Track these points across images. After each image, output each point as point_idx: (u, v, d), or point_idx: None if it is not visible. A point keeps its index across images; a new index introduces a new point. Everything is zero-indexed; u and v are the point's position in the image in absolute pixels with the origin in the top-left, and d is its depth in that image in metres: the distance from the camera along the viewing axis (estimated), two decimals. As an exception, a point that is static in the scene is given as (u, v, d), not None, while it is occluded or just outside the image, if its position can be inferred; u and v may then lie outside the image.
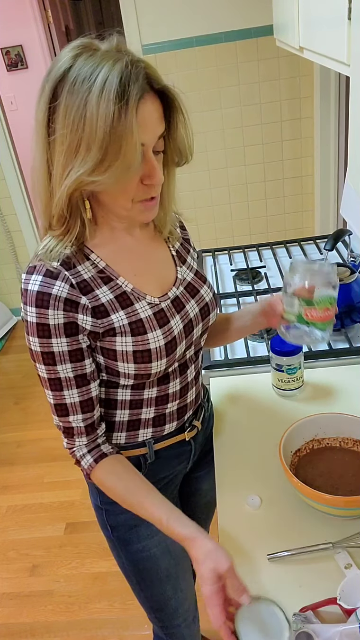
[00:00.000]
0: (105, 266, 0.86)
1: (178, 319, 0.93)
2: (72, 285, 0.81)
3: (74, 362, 0.84)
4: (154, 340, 0.88)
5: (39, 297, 0.79)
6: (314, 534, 0.93)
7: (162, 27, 2.68)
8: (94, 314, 0.83)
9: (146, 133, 0.75)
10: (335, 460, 1.01)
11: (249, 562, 0.91)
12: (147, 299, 0.89)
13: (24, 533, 2.19)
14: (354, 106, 0.84)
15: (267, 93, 2.82)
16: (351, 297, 1.39)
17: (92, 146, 0.72)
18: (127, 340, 0.86)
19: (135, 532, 1.05)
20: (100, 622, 1.80)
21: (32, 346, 0.83)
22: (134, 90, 0.71)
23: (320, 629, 0.73)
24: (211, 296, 1.00)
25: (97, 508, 1.08)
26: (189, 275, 0.98)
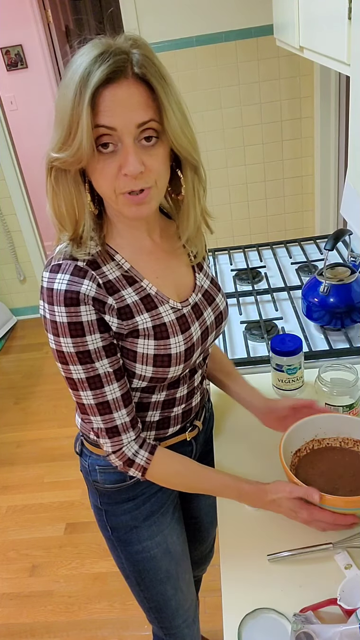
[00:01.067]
0: (130, 267, 0.86)
1: (197, 326, 0.93)
2: (99, 285, 0.81)
3: (110, 356, 0.83)
4: (176, 346, 0.88)
5: (68, 296, 0.78)
6: (314, 534, 0.93)
7: (162, 27, 2.67)
8: (119, 315, 0.83)
9: (114, 118, 0.74)
10: (335, 460, 1.00)
11: (249, 562, 0.91)
12: (171, 303, 0.89)
13: (24, 533, 2.18)
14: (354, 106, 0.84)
15: (267, 93, 2.82)
16: (351, 297, 1.39)
17: (57, 125, 0.75)
18: (149, 343, 0.86)
19: (135, 533, 1.04)
20: (100, 623, 1.80)
21: (63, 348, 0.81)
22: (96, 76, 0.71)
23: (321, 630, 0.73)
24: (225, 305, 1.01)
25: (96, 509, 1.07)
26: (206, 283, 0.98)
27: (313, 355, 1.35)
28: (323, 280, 1.40)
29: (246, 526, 0.98)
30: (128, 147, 0.75)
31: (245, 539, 0.96)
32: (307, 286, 1.47)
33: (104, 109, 0.73)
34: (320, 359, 1.34)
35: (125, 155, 0.76)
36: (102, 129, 0.74)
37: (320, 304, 1.40)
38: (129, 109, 0.74)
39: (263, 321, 1.51)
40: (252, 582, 0.88)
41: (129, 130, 0.75)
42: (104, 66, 0.72)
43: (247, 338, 1.47)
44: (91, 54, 0.73)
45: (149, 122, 0.76)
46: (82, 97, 0.72)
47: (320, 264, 1.74)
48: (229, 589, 0.88)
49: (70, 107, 0.72)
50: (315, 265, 1.77)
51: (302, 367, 1.22)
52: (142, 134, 0.76)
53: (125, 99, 0.74)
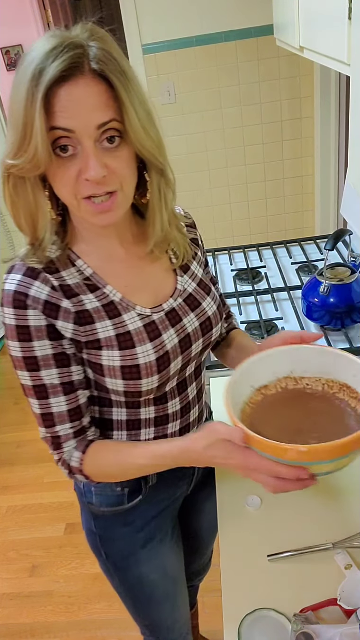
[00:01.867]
0: (92, 274, 0.81)
1: (172, 333, 0.85)
2: (53, 287, 0.76)
3: (60, 367, 0.78)
4: (143, 355, 0.81)
5: (16, 297, 0.74)
6: (314, 534, 0.93)
7: (162, 27, 2.67)
8: (77, 320, 0.78)
9: (71, 119, 0.67)
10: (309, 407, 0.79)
11: (249, 562, 0.91)
12: (137, 310, 0.82)
13: (24, 533, 2.18)
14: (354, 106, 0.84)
15: (267, 93, 2.82)
16: (351, 297, 1.39)
17: (10, 129, 0.69)
18: (113, 353, 0.79)
19: (133, 560, 0.99)
20: (99, 623, 1.80)
21: (12, 352, 0.77)
22: (49, 72, 0.65)
23: (321, 630, 0.73)
24: (215, 309, 0.92)
25: (90, 533, 1.01)
26: (191, 286, 0.90)
27: (313, 355, 1.34)
28: (323, 280, 1.40)
29: (246, 526, 0.98)
30: (88, 150, 0.69)
31: (245, 539, 0.95)
32: (307, 286, 1.47)
33: (59, 109, 0.67)
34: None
35: (86, 159, 0.69)
36: (58, 132, 0.68)
37: (320, 304, 1.40)
38: (87, 108, 0.68)
39: (263, 321, 1.51)
40: (252, 582, 0.88)
41: (88, 132, 0.68)
42: (58, 62, 0.65)
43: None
44: (43, 49, 0.66)
45: (110, 122, 0.69)
46: (35, 97, 0.65)
47: (320, 264, 1.74)
48: (229, 589, 0.88)
49: (22, 108, 0.66)
50: (315, 265, 1.77)
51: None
52: (103, 135, 0.70)
53: (82, 98, 0.67)
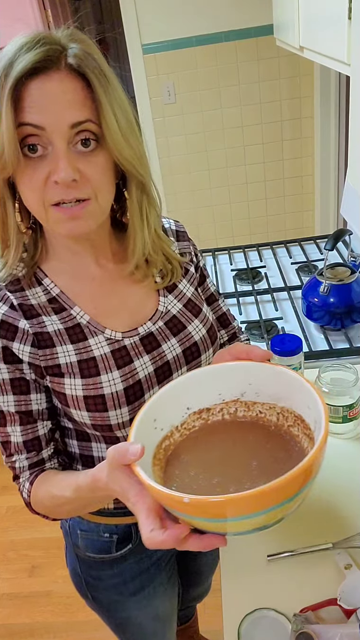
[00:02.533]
0: (59, 293, 0.75)
1: (147, 360, 0.76)
2: (12, 306, 0.71)
3: (17, 394, 0.72)
4: (109, 384, 0.73)
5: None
6: (314, 534, 0.93)
7: (162, 27, 2.67)
8: (35, 342, 0.71)
9: (42, 114, 0.62)
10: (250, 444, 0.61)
11: (249, 562, 0.91)
12: (106, 334, 0.75)
13: (24, 533, 2.18)
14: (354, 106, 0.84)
15: (267, 93, 2.82)
16: (351, 297, 1.38)
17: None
18: (75, 382, 0.72)
19: (121, 606, 0.94)
20: (99, 623, 1.79)
21: None
22: (20, 64, 0.60)
23: (321, 630, 0.73)
24: (204, 334, 0.82)
25: (74, 574, 0.94)
26: (176, 307, 0.81)
27: (313, 355, 1.35)
28: (323, 280, 1.40)
29: (246, 526, 0.97)
30: (59, 151, 0.63)
31: (245, 539, 0.95)
32: (307, 286, 1.47)
33: (29, 104, 0.61)
34: (320, 359, 1.34)
35: (56, 160, 0.63)
36: (27, 128, 0.62)
37: (320, 304, 1.40)
38: (61, 105, 0.62)
39: (263, 321, 1.51)
40: (252, 582, 0.88)
41: (60, 130, 0.62)
42: (31, 54, 0.60)
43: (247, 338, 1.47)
44: (17, 43, 0.62)
45: (85, 122, 0.64)
46: (3, 90, 0.60)
47: (320, 264, 1.74)
48: (229, 589, 0.88)
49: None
50: (315, 265, 1.77)
51: (302, 367, 1.21)
52: (77, 136, 0.64)
53: (56, 94, 0.62)
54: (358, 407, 1.10)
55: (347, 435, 1.11)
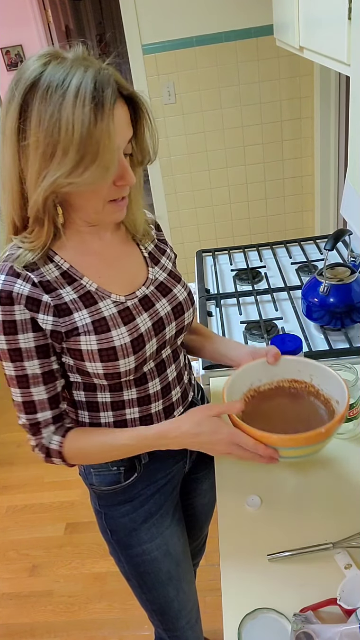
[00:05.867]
0: (69, 267, 0.88)
1: (146, 317, 0.92)
2: (34, 284, 0.83)
3: (42, 358, 0.86)
4: (119, 338, 0.88)
5: (3, 295, 0.81)
6: (314, 534, 0.93)
7: (162, 27, 2.68)
8: (56, 313, 0.84)
9: (118, 136, 0.78)
10: (273, 403, 1.00)
11: (249, 562, 0.91)
12: (112, 298, 0.90)
13: (24, 533, 2.19)
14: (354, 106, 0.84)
15: (267, 93, 2.82)
16: (351, 297, 1.39)
17: (69, 150, 0.74)
18: (90, 338, 0.86)
19: (135, 536, 1.04)
20: (100, 622, 1.80)
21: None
22: (108, 94, 0.74)
23: (321, 630, 0.73)
24: (185, 295, 1.00)
25: (96, 512, 1.08)
26: (162, 276, 0.99)
27: (313, 355, 1.35)
28: (323, 280, 1.40)
29: (246, 526, 0.98)
30: (124, 162, 0.82)
31: (245, 539, 0.96)
32: (307, 286, 1.47)
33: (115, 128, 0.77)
34: (320, 359, 1.34)
35: (124, 169, 0.82)
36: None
37: (320, 304, 1.40)
38: (124, 127, 0.80)
39: (263, 321, 1.51)
40: (252, 582, 0.88)
41: (123, 146, 0.81)
42: (110, 88, 0.75)
43: (247, 338, 1.47)
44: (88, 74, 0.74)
45: (131, 137, 0.83)
46: (104, 118, 0.74)
47: (320, 264, 1.74)
48: (229, 589, 0.88)
49: (86, 128, 0.73)
50: (315, 265, 1.77)
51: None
52: (127, 148, 0.83)
53: (122, 118, 0.79)
54: (358, 407, 1.10)
55: (347, 435, 1.11)
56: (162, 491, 1.06)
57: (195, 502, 1.27)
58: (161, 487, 1.06)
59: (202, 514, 1.33)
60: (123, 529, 1.04)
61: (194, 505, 1.28)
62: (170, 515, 1.09)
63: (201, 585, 1.53)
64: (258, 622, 0.81)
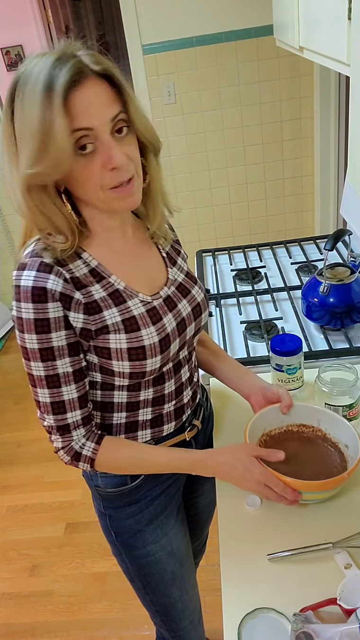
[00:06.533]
0: (98, 264, 0.87)
1: (171, 317, 0.93)
2: (65, 279, 0.81)
3: (73, 355, 0.84)
4: (148, 337, 0.87)
5: (35, 293, 0.79)
6: (314, 534, 0.93)
7: (162, 27, 2.68)
8: (87, 311, 0.83)
9: (90, 118, 0.75)
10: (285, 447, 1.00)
11: (249, 562, 0.91)
12: (140, 297, 0.89)
13: (24, 533, 2.19)
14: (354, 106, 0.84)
15: (267, 93, 2.82)
16: (351, 297, 1.39)
17: (26, 139, 0.74)
18: (120, 337, 0.86)
19: (140, 537, 1.04)
20: (100, 622, 1.80)
21: (27, 344, 0.82)
22: (60, 79, 0.72)
23: (321, 629, 0.73)
24: (202, 296, 1.01)
25: (100, 514, 1.07)
26: (180, 276, 0.99)
27: (313, 355, 1.35)
28: (323, 280, 1.40)
29: (246, 526, 0.98)
30: (109, 143, 0.77)
31: (245, 539, 0.96)
32: (307, 286, 1.47)
33: (76, 112, 0.74)
34: (320, 359, 1.34)
35: (108, 151, 0.77)
36: (80, 132, 0.75)
37: (320, 304, 1.40)
38: (101, 106, 0.76)
39: (263, 321, 1.51)
40: (252, 582, 0.88)
41: (104, 126, 0.76)
42: (65, 70, 0.72)
43: (247, 338, 1.47)
44: (46, 63, 0.73)
45: (119, 114, 0.78)
46: (52, 104, 0.71)
47: (320, 264, 1.74)
48: (229, 589, 0.88)
49: (38, 117, 0.72)
50: (315, 265, 1.77)
51: (302, 367, 1.22)
52: (114, 126, 0.78)
53: (94, 97, 0.75)
54: (358, 407, 1.10)
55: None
56: (167, 492, 1.05)
57: (198, 502, 1.27)
58: (166, 488, 1.05)
59: (204, 514, 1.33)
60: (128, 530, 1.04)
61: (196, 505, 1.28)
62: (174, 515, 1.09)
63: (201, 585, 1.52)
64: (258, 622, 0.81)
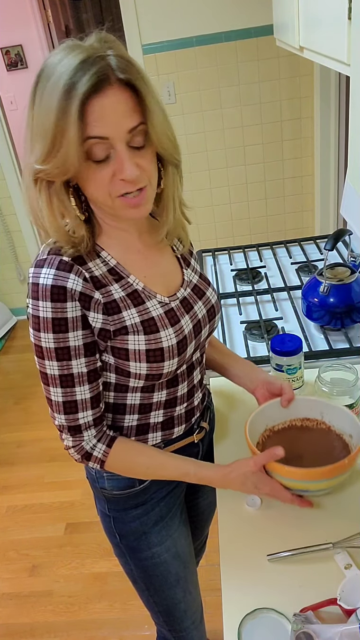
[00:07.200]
0: (116, 264, 0.86)
1: (188, 319, 0.92)
2: (85, 279, 0.80)
3: (88, 355, 0.83)
4: (167, 339, 0.87)
5: (55, 291, 0.78)
6: (314, 534, 0.93)
7: (162, 27, 2.68)
8: (106, 311, 0.83)
9: (106, 127, 0.73)
10: (290, 441, 1.01)
11: (249, 562, 0.91)
12: (158, 298, 0.89)
13: (24, 533, 2.18)
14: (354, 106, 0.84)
15: (267, 93, 2.82)
16: (351, 297, 1.39)
17: (39, 136, 0.73)
18: (139, 338, 0.85)
19: (145, 540, 1.03)
20: (100, 622, 1.80)
21: (43, 343, 0.81)
22: (82, 86, 0.70)
23: (321, 630, 0.73)
24: (216, 298, 1.01)
25: (104, 516, 1.06)
26: (195, 278, 0.99)
27: (313, 355, 1.35)
28: (323, 280, 1.40)
29: (246, 526, 0.98)
30: (122, 154, 0.75)
31: (245, 539, 0.96)
32: (307, 286, 1.47)
33: (93, 120, 0.72)
34: (320, 359, 1.34)
35: (120, 162, 0.75)
36: (94, 140, 0.74)
37: (320, 304, 1.40)
38: (119, 116, 0.74)
39: (263, 321, 1.51)
40: (252, 582, 0.88)
41: (120, 137, 0.75)
42: (87, 76, 0.70)
43: (247, 338, 1.47)
44: (70, 64, 0.71)
45: (139, 126, 0.76)
46: (68, 109, 0.70)
47: (320, 264, 1.74)
48: (229, 589, 0.88)
49: (53, 119, 0.71)
50: (315, 265, 1.77)
51: (302, 367, 1.22)
52: (132, 137, 0.76)
53: (113, 107, 0.73)
54: (358, 407, 1.10)
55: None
56: (172, 494, 1.05)
57: (199, 503, 1.27)
58: (172, 489, 1.05)
59: (205, 514, 1.33)
60: (133, 532, 1.03)
61: (197, 505, 1.27)
62: (178, 517, 1.08)
63: (201, 585, 1.52)
64: (258, 622, 0.81)
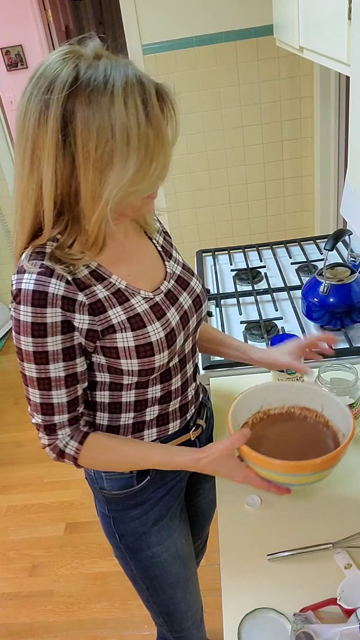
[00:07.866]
0: (97, 266, 0.86)
1: (174, 311, 0.93)
2: (67, 281, 0.80)
3: (67, 360, 0.83)
4: (154, 333, 0.88)
5: (36, 297, 0.77)
6: (314, 534, 0.93)
7: (162, 27, 2.67)
8: (91, 311, 0.83)
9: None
10: (282, 429, 0.99)
11: (249, 562, 0.91)
12: (142, 294, 0.89)
13: (24, 533, 2.18)
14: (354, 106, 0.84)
15: (267, 93, 2.82)
16: (351, 297, 1.39)
17: (128, 156, 0.71)
18: (127, 335, 0.86)
19: (145, 539, 1.04)
20: (100, 622, 1.80)
21: (22, 346, 0.81)
22: (152, 91, 0.72)
23: (321, 629, 0.73)
24: (201, 287, 1.01)
25: (103, 516, 1.06)
26: (178, 269, 0.99)
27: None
28: (323, 280, 1.40)
29: (246, 526, 0.98)
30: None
31: (245, 539, 0.96)
32: (307, 286, 1.47)
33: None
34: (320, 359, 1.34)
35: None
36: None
37: (320, 304, 1.41)
38: None
39: (263, 321, 1.51)
40: (252, 582, 0.88)
41: None
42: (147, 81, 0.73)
43: (247, 338, 1.47)
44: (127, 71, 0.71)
45: None
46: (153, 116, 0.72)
47: (320, 264, 1.74)
48: (229, 589, 0.88)
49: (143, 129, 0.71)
50: (315, 265, 1.77)
51: (302, 367, 1.21)
52: None
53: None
54: (358, 407, 1.10)
55: (347, 435, 1.11)
56: (171, 493, 1.05)
57: (199, 502, 1.27)
58: (171, 488, 1.05)
59: (205, 514, 1.33)
60: (133, 533, 1.04)
61: (197, 505, 1.27)
62: (178, 517, 1.09)
63: (201, 585, 1.52)
64: (258, 622, 0.81)
